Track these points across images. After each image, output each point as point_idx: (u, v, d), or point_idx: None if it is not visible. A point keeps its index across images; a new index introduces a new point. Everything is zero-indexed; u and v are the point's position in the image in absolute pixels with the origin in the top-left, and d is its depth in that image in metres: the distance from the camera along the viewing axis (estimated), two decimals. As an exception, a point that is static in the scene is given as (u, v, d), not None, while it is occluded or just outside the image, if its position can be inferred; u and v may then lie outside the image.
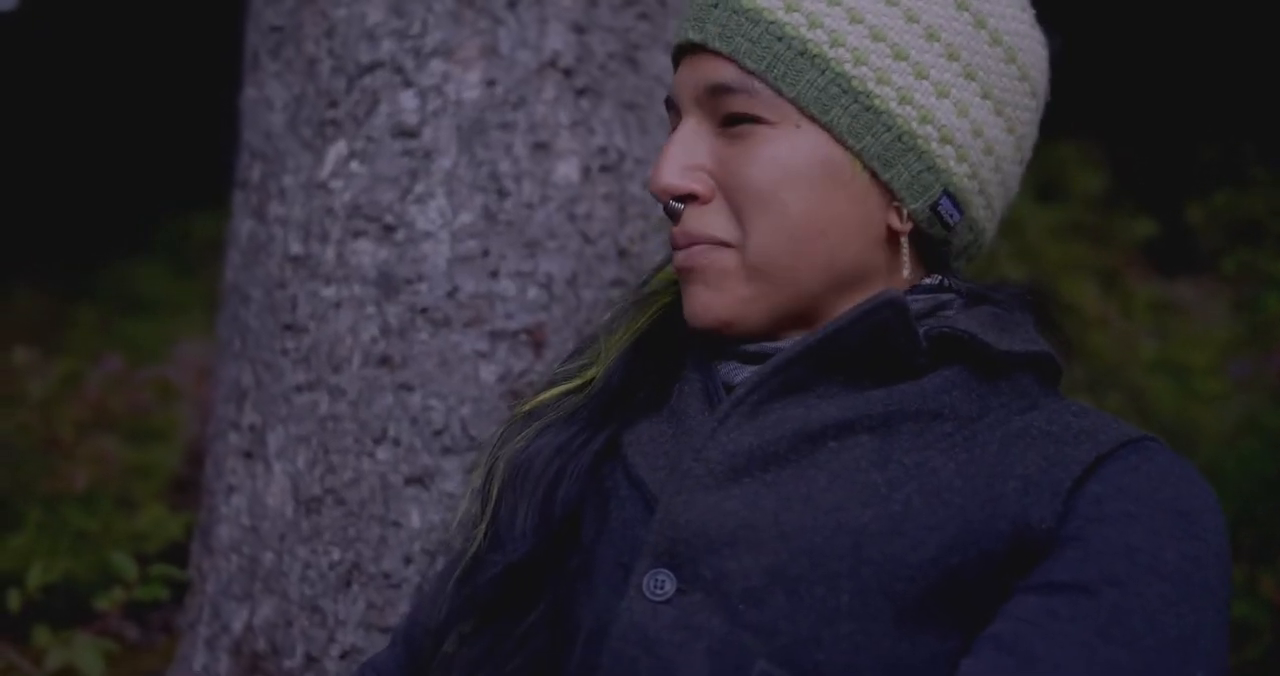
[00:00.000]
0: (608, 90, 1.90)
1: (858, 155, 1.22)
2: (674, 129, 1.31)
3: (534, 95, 1.86)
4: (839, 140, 1.22)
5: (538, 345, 1.82)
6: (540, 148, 1.86)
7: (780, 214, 1.21)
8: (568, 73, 1.88)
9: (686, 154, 1.25)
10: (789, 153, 1.21)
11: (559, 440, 1.32)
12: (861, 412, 1.19)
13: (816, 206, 1.22)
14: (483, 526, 1.33)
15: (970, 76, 1.25)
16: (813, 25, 1.21)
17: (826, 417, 1.18)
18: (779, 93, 1.21)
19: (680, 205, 1.25)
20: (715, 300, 1.24)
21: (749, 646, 1.10)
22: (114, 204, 10.72)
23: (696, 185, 1.24)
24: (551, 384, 1.40)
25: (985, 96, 1.26)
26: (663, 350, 1.37)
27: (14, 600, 2.36)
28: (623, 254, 1.90)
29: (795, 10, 1.22)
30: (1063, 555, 1.08)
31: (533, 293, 1.82)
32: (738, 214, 1.23)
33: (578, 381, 1.38)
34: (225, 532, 1.90)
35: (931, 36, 1.23)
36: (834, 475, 1.15)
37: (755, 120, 1.22)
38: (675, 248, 1.28)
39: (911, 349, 1.21)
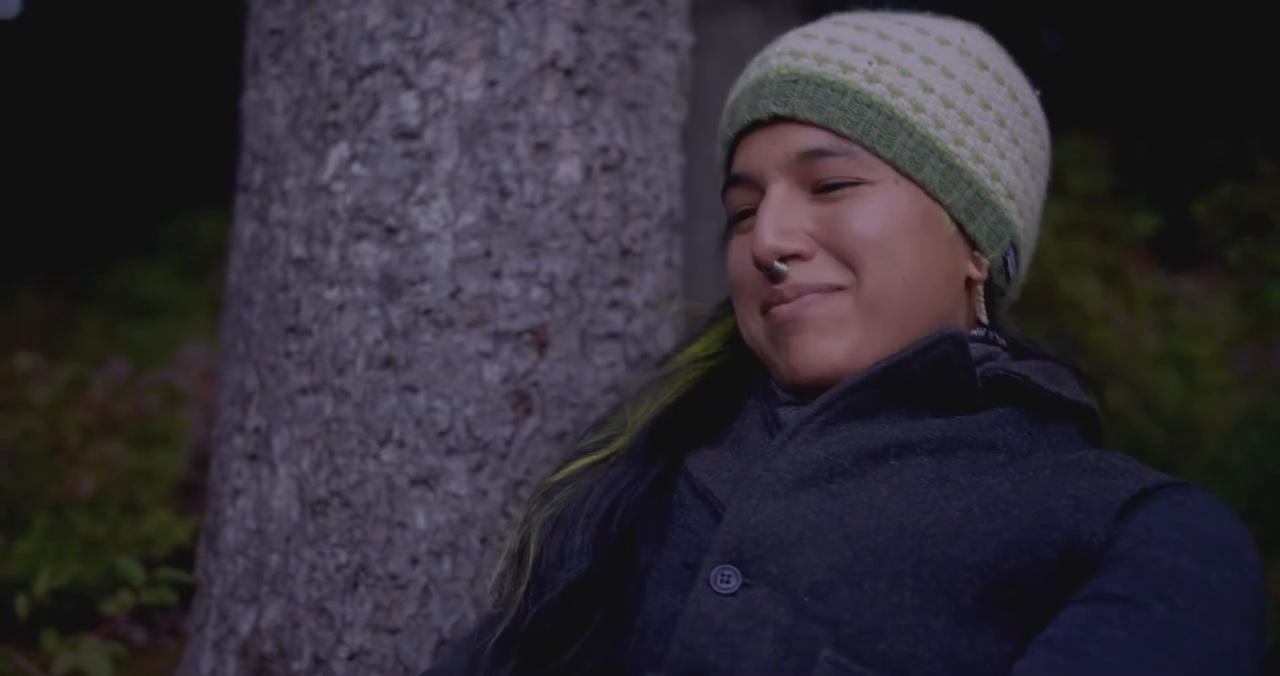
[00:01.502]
0: (608, 90, 1.90)
1: (947, 209, 1.35)
2: (736, 201, 1.41)
3: (535, 95, 1.86)
4: (931, 195, 1.34)
5: (541, 345, 1.83)
6: (542, 148, 1.86)
7: (893, 259, 1.31)
8: (568, 73, 1.88)
9: (785, 217, 1.34)
10: (895, 205, 1.32)
11: (608, 479, 1.38)
12: (921, 436, 1.27)
13: (921, 253, 1.32)
14: (524, 585, 1.37)
15: (1015, 142, 1.40)
16: (894, 94, 1.34)
17: (889, 437, 1.26)
18: (876, 154, 1.33)
19: (784, 266, 1.33)
20: (832, 346, 1.32)
21: (815, 635, 1.15)
22: (118, 208, 10.73)
23: (800, 244, 1.33)
24: (579, 454, 1.47)
25: (1025, 160, 1.42)
26: (698, 415, 1.44)
27: (22, 605, 2.36)
28: (625, 253, 1.90)
29: (877, 81, 1.34)
30: (1113, 571, 1.13)
31: (536, 293, 1.82)
32: (848, 262, 1.32)
33: (605, 452, 1.44)
34: (231, 535, 1.90)
35: (986, 106, 1.38)
36: (895, 488, 1.23)
37: (855, 182, 1.32)
38: (782, 302, 1.35)
39: (968, 384, 1.30)
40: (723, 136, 1.48)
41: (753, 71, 1.44)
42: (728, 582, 1.20)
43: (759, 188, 1.38)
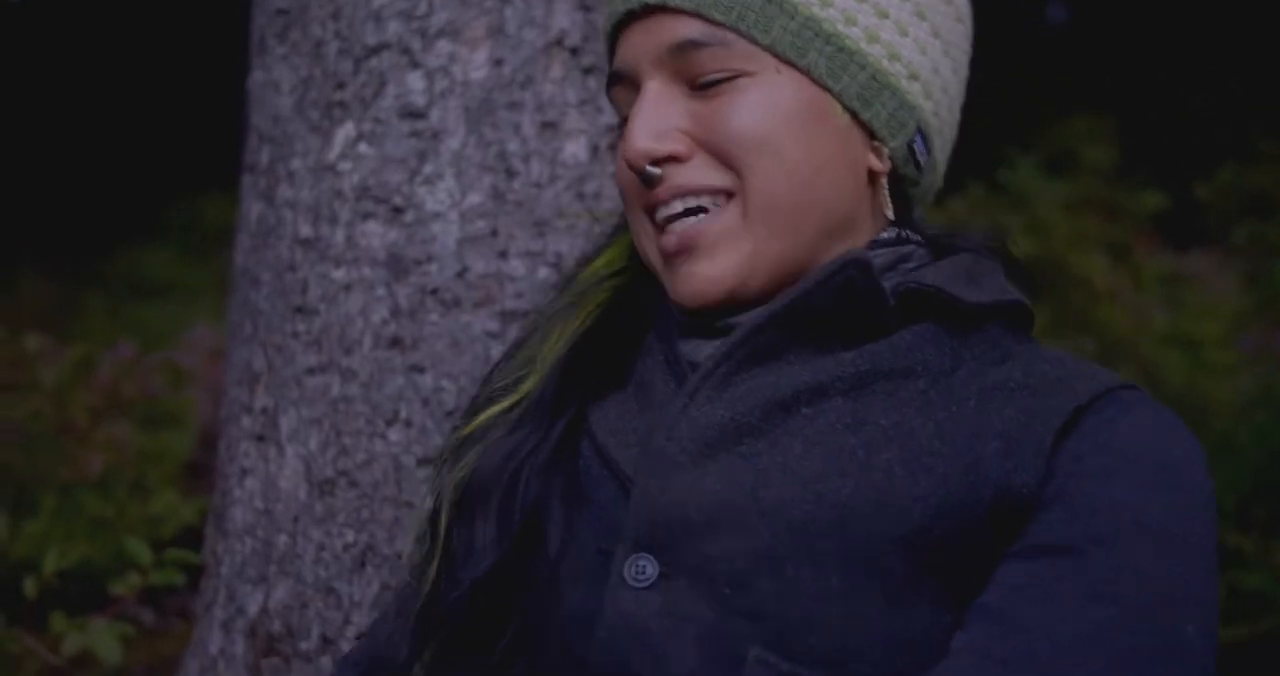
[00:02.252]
0: (615, 69, 1.90)
1: (837, 96, 1.22)
2: (620, 101, 1.28)
3: (541, 74, 1.86)
4: (818, 82, 1.21)
5: (548, 325, 1.82)
6: (548, 127, 1.85)
7: (776, 155, 1.19)
8: (574, 51, 1.87)
9: (659, 117, 1.22)
10: (776, 96, 1.20)
11: (507, 447, 1.28)
12: (833, 375, 1.17)
13: (809, 148, 1.20)
14: (435, 559, 1.29)
15: (921, 16, 1.26)
16: None
17: (797, 383, 1.17)
18: (753, 41, 1.20)
19: (658, 170, 1.21)
20: (718, 269, 1.21)
21: (741, 632, 1.08)
22: (124, 189, 10.72)
23: (677, 145, 1.21)
24: (489, 401, 1.36)
25: (935, 36, 1.27)
26: (609, 340, 1.34)
27: (30, 586, 2.37)
28: (632, 233, 1.90)
29: None
30: (1046, 517, 1.07)
31: (542, 272, 1.82)
32: (729, 163, 1.20)
33: (515, 397, 1.33)
34: (239, 516, 1.91)
35: None
36: (809, 442, 1.13)
37: (734, 75, 1.20)
38: (655, 205, 1.24)
39: (880, 307, 1.20)
40: (603, 29, 1.33)
41: None
42: (644, 573, 1.11)
43: (638, 86, 1.25)
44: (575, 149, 1.86)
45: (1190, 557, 1.05)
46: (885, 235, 1.27)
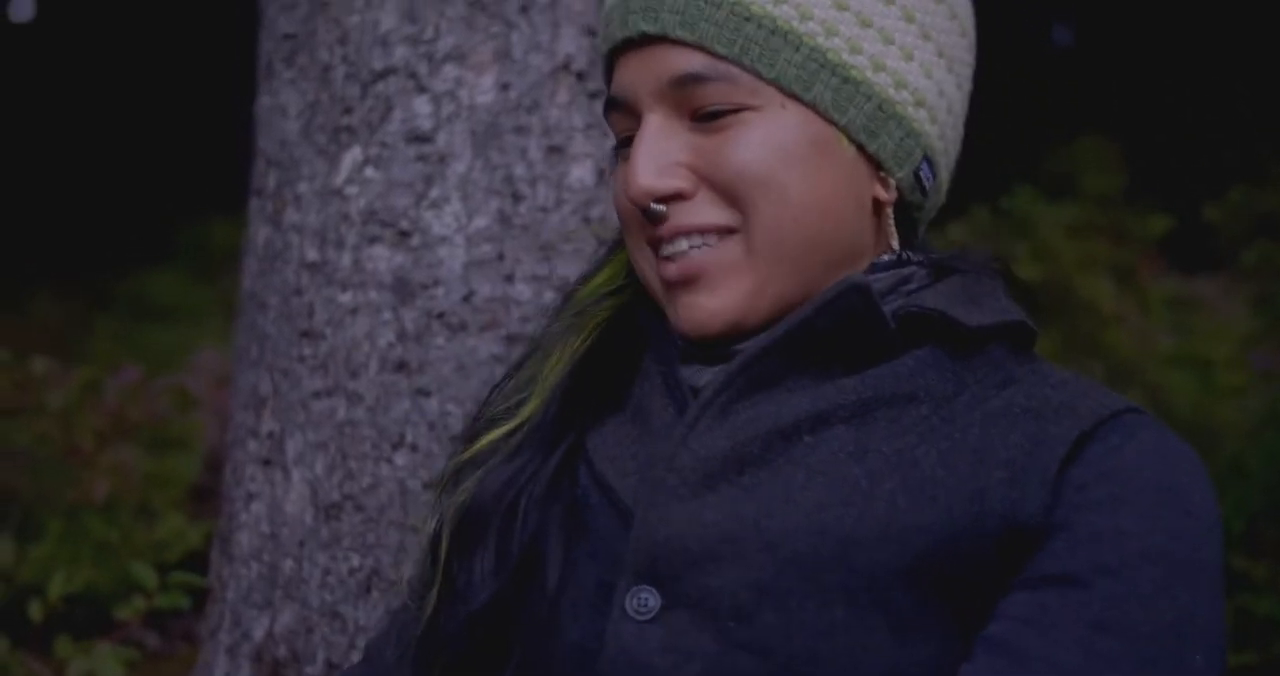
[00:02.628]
0: (621, 93, 1.90)
1: (843, 129, 1.19)
2: (617, 126, 1.25)
3: (547, 99, 1.86)
4: (823, 116, 1.18)
5: (555, 349, 1.82)
6: (554, 151, 1.86)
7: (781, 194, 1.16)
8: (580, 76, 1.88)
9: (661, 152, 1.18)
10: (780, 133, 1.17)
11: (505, 474, 1.26)
12: (834, 403, 1.15)
13: (815, 184, 1.17)
14: (435, 585, 1.27)
15: (926, 37, 1.23)
16: (778, 2, 1.18)
17: (799, 411, 1.15)
18: (758, 75, 1.17)
19: (662, 207, 1.18)
20: (721, 302, 1.18)
21: (745, 667, 1.06)
22: (132, 212, 10.76)
23: (680, 182, 1.18)
24: (490, 424, 1.33)
25: (940, 56, 1.24)
26: (609, 361, 1.32)
27: (36, 610, 2.37)
28: (638, 256, 1.90)
29: None
30: (1051, 546, 1.05)
31: (548, 296, 1.82)
32: (733, 201, 1.17)
33: (516, 421, 1.30)
34: (245, 540, 1.90)
35: (888, 1, 1.21)
36: (812, 471, 1.12)
37: (737, 109, 1.17)
38: (658, 242, 1.21)
39: (880, 331, 1.18)
40: (599, 51, 1.30)
41: None
42: (645, 606, 1.10)
43: (637, 114, 1.21)
44: (581, 173, 1.86)
45: (1197, 585, 1.04)
46: (885, 258, 1.25)
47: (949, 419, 1.14)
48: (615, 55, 1.24)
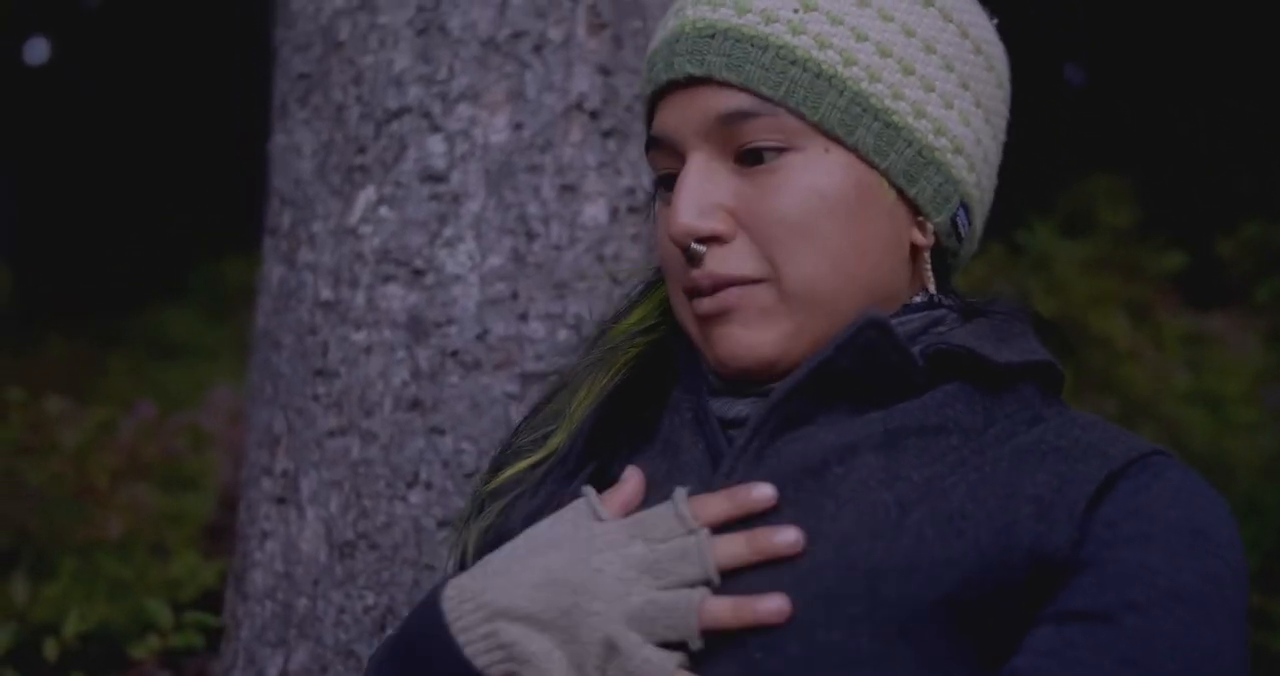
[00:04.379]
0: (634, 131, 1.91)
1: (884, 174, 1.21)
2: (658, 164, 1.27)
3: (561, 138, 1.87)
4: (865, 160, 1.20)
5: (568, 387, 1.82)
6: (568, 190, 1.86)
7: (822, 243, 1.18)
8: (594, 115, 1.89)
9: (704, 192, 1.20)
10: (825, 179, 1.19)
11: (531, 506, 1.27)
12: (862, 434, 1.16)
13: (855, 230, 1.20)
14: None
15: (965, 87, 1.25)
16: (822, 46, 1.20)
17: (827, 446, 1.16)
18: (801, 117, 1.19)
19: (703, 248, 1.20)
20: (757, 339, 1.20)
21: None
22: (145, 251, 10.80)
23: (719, 225, 1.20)
24: (516, 455, 1.35)
25: (978, 105, 1.27)
26: (637, 397, 1.33)
27: (51, 648, 2.37)
28: (652, 294, 1.90)
29: (802, 33, 1.20)
30: (1079, 582, 1.06)
31: (562, 334, 1.83)
32: (768, 248, 1.19)
33: (542, 453, 1.32)
34: (259, 578, 1.90)
35: (929, 49, 1.23)
36: (841, 500, 1.13)
37: (781, 149, 1.19)
38: (699, 293, 1.22)
39: (907, 366, 1.19)
40: (642, 92, 1.32)
41: (670, 21, 1.28)
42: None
43: (679, 154, 1.23)
44: (595, 211, 1.87)
45: (1222, 624, 1.04)
46: (918, 299, 1.27)
47: (979, 451, 1.15)
48: (658, 97, 1.27)
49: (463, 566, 1.30)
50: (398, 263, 1.85)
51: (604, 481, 1.27)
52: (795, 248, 1.18)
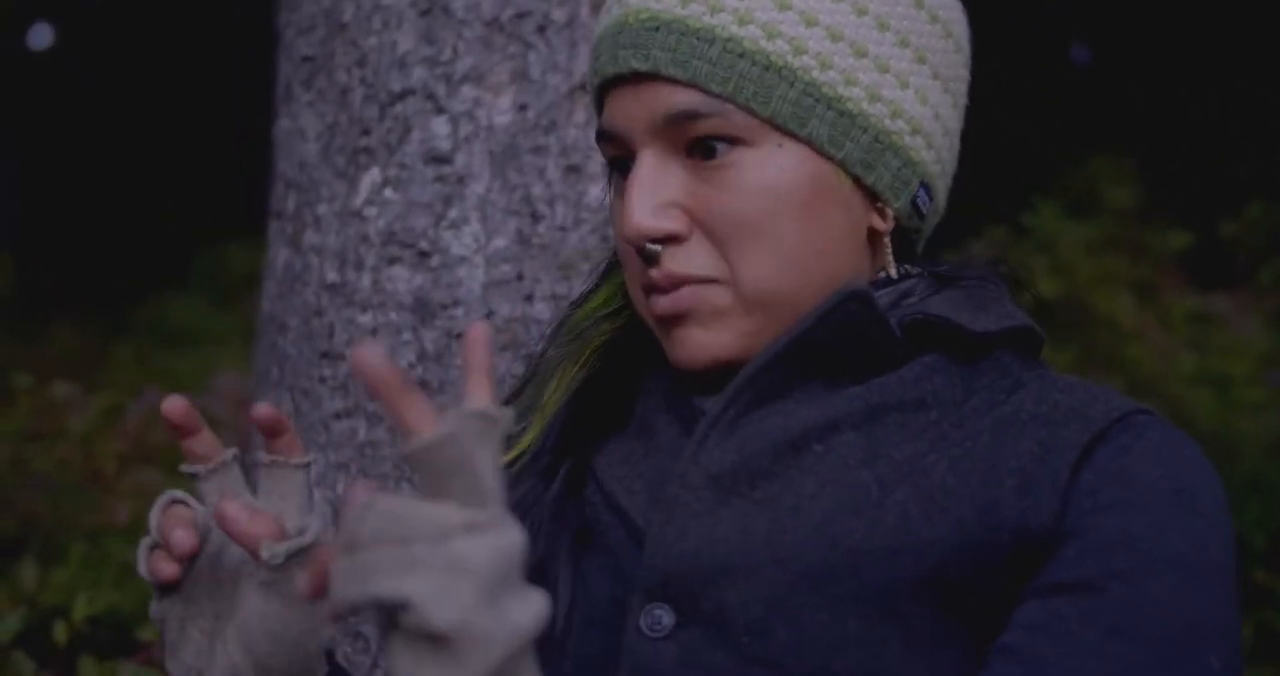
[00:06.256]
0: (638, 112, 1.91)
1: (840, 164, 1.17)
2: (611, 154, 1.24)
3: (565, 118, 1.87)
4: (820, 152, 1.17)
5: (574, 367, 1.83)
6: (572, 170, 1.86)
7: (776, 243, 1.15)
8: (598, 96, 1.89)
9: (655, 191, 1.16)
10: (776, 176, 1.15)
11: (511, 499, 1.18)
12: (843, 410, 1.14)
13: (812, 227, 1.16)
14: None
15: (921, 60, 1.21)
16: (771, 36, 1.15)
17: (807, 421, 1.13)
18: (752, 113, 1.15)
19: (658, 248, 1.16)
20: (714, 339, 1.17)
21: None
22: (150, 238, 10.80)
23: (673, 224, 1.16)
24: None
25: (935, 77, 1.22)
26: (608, 383, 1.30)
27: (60, 632, 2.38)
28: (657, 275, 1.90)
29: (749, 22, 1.15)
30: (1063, 554, 1.05)
31: (568, 315, 1.83)
32: (721, 247, 1.16)
33: (516, 451, 1.28)
34: (267, 560, 1.91)
35: (882, 26, 1.19)
36: (822, 479, 1.11)
37: (733, 141, 1.15)
38: (657, 290, 1.19)
39: (885, 339, 1.17)
40: (589, 82, 1.28)
41: (613, 8, 1.22)
42: (660, 623, 1.09)
43: (627, 146, 1.19)
44: (599, 192, 1.87)
45: (1210, 586, 1.04)
46: (881, 277, 1.24)
47: (959, 424, 1.14)
48: (605, 88, 1.23)
49: None
50: (403, 245, 1.85)
51: (582, 473, 1.25)
52: (750, 248, 1.15)
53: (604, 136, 1.23)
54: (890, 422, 1.14)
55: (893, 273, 1.24)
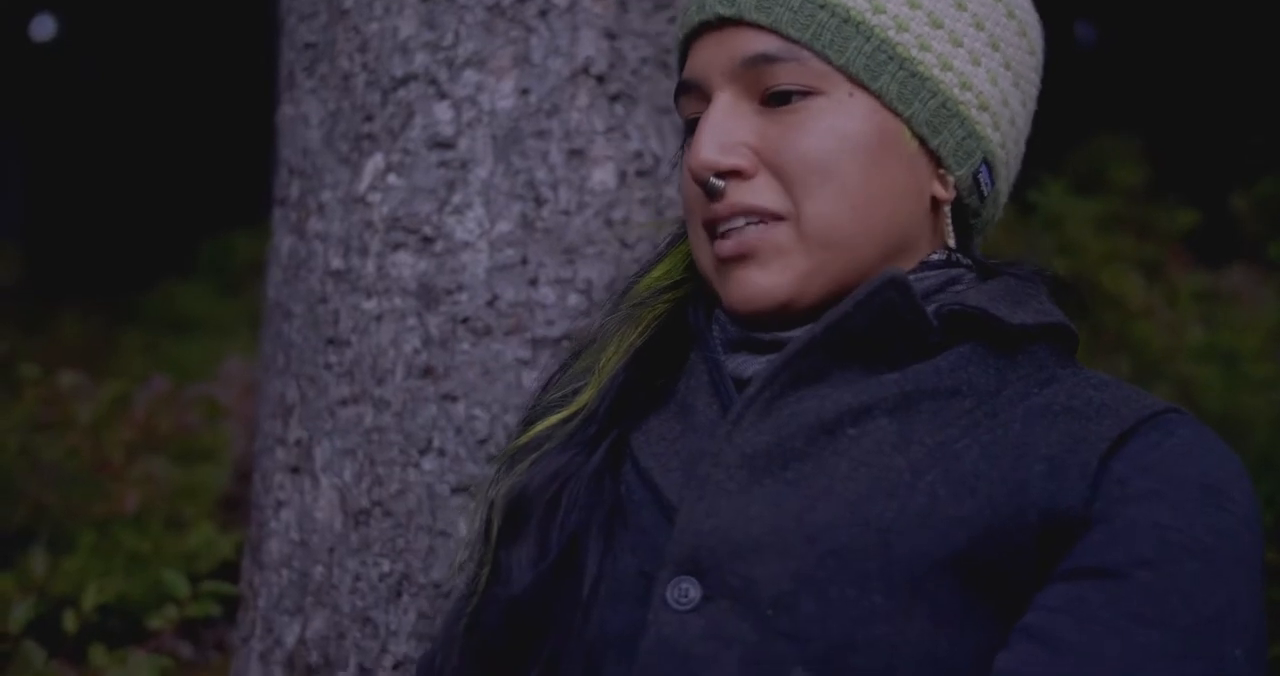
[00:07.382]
0: (641, 95, 1.90)
1: (907, 122, 1.22)
2: (687, 110, 1.29)
3: (568, 102, 1.87)
4: (889, 107, 1.21)
5: (580, 351, 1.83)
6: (576, 154, 1.86)
7: (841, 183, 1.19)
8: (601, 79, 1.88)
9: (726, 130, 1.22)
10: (846, 121, 1.20)
11: (554, 465, 1.28)
12: (877, 396, 1.17)
13: (875, 174, 1.21)
14: (486, 568, 1.29)
15: (995, 47, 1.26)
16: None
17: (841, 405, 1.16)
18: (827, 61, 1.20)
19: (721, 182, 1.21)
20: (773, 280, 1.21)
21: (783, 653, 1.07)
22: (156, 227, 10.82)
23: (740, 160, 1.21)
24: (546, 411, 1.36)
25: (1007, 67, 1.27)
26: (661, 357, 1.34)
27: (70, 621, 2.38)
28: (662, 258, 1.90)
29: None
30: (1090, 539, 1.06)
31: (572, 299, 1.82)
32: (789, 186, 1.20)
33: (571, 408, 1.33)
34: (275, 547, 1.91)
35: (960, 6, 1.24)
36: (855, 462, 1.13)
37: (806, 92, 1.20)
38: (718, 233, 1.24)
39: (922, 327, 1.20)
40: (675, 39, 1.33)
41: None
42: (686, 596, 1.11)
43: (707, 96, 1.25)
44: (603, 176, 1.86)
45: (1235, 579, 1.04)
46: (935, 257, 1.28)
47: (991, 413, 1.16)
48: (690, 41, 1.28)
49: (488, 523, 1.30)
50: (407, 230, 1.85)
51: (621, 447, 1.29)
52: (816, 187, 1.20)
53: (684, 89, 1.28)
54: (924, 409, 1.16)
55: (950, 243, 1.28)
